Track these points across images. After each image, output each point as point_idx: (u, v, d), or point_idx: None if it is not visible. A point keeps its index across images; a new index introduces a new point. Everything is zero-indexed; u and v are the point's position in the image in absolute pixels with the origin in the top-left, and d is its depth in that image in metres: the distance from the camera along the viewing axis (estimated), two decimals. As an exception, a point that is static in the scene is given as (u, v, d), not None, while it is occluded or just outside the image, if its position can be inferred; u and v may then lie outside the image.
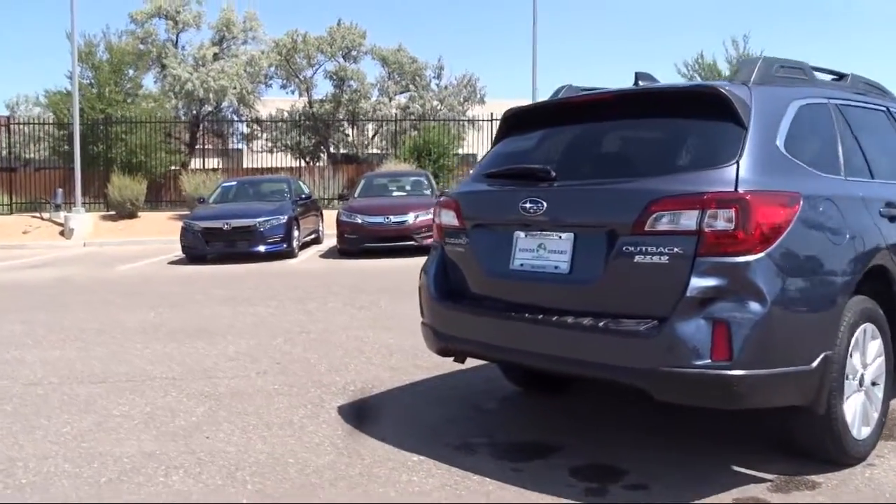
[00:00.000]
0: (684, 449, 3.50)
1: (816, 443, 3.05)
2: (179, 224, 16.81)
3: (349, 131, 29.07)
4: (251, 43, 28.66)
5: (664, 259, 2.79)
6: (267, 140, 27.74)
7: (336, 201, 20.95)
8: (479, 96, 29.98)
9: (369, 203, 13.34)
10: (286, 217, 12.70)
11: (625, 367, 2.85)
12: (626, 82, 3.77)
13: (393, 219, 12.49)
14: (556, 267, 3.18)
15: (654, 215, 2.82)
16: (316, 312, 7.50)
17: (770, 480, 3.09)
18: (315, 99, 29.71)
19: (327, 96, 29.45)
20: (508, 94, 45.04)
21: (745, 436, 3.63)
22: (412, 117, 27.08)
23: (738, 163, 2.82)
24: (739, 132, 2.91)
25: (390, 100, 28.97)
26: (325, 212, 16.50)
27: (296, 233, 12.95)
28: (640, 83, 3.64)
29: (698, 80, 19.93)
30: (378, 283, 9.40)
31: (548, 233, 3.22)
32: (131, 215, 19.09)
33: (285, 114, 28.32)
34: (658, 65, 69.80)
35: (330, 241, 15.14)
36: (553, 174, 3.23)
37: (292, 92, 30.21)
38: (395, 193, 14.58)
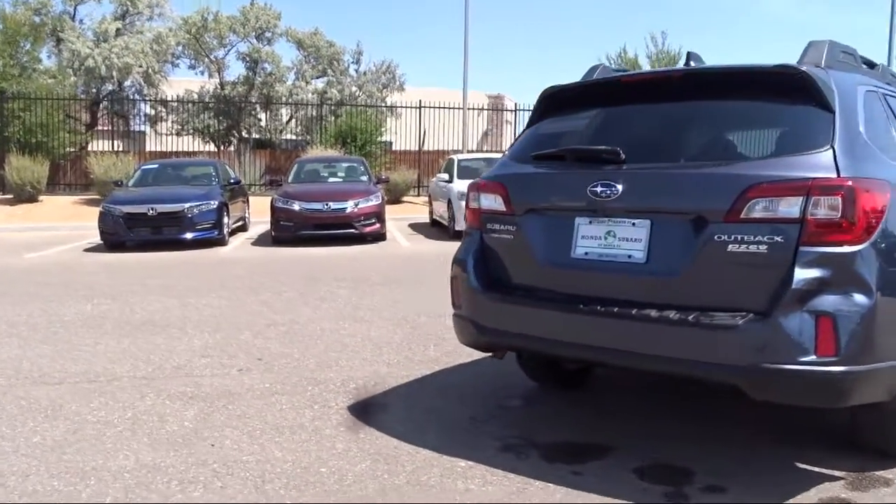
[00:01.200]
0: (734, 443, 3.39)
1: (889, 438, 2.98)
2: (87, 209, 15.63)
3: (262, 115, 27.97)
4: (157, 20, 27.10)
5: (762, 248, 2.62)
6: (174, 122, 26.28)
7: (256, 187, 20.19)
8: (398, 83, 29.52)
9: (306, 189, 12.76)
10: (217, 202, 11.97)
11: (717, 364, 2.67)
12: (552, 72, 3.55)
13: (332, 206, 11.99)
14: (629, 256, 2.96)
15: (752, 202, 2.65)
16: (274, 303, 7.03)
17: (842, 478, 3.00)
18: (227, 81, 28.40)
19: (239, 78, 28.19)
20: (429, 82, 44.66)
21: (785, 425, 3.56)
22: (330, 102, 26.34)
23: (833, 148, 2.69)
24: (827, 117, 2.78)
25: (307, 84, 28.07)
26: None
27: (226, 219, 12.23)
28: (692, 63, 3.46)
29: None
30: (330, 273, 8.96)
31: (618, 219, 3.00)
32: (31, 199, 17.58)
33: (194, 95, 26.92)
34: (584, 55, 71.29)
35: (256, 228, 14.46)
36: (623, 156, 3.01)
37: (202, 73, 28.75)
38: (330, 180, 14.05)
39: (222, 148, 26.06)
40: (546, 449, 3.35)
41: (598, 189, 2.99)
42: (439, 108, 22.22)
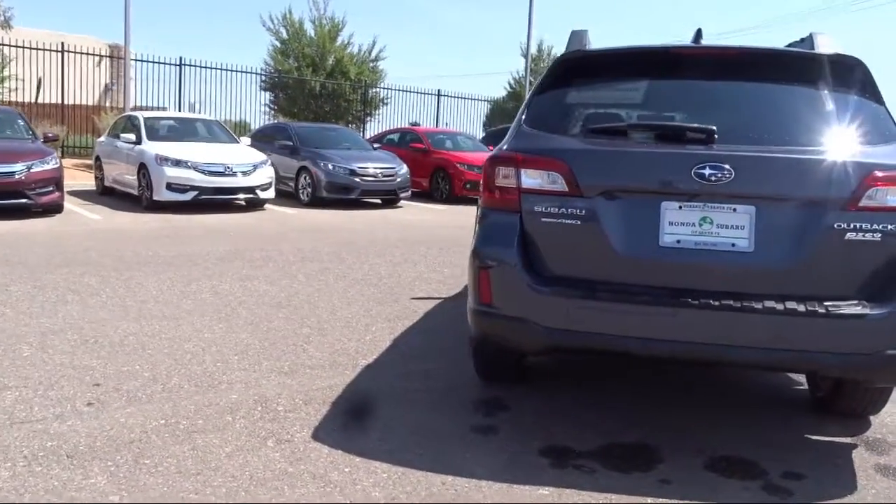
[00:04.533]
0: (746, 423, 3.47)
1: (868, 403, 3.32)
2: None
3: None
4: None
5: (880, 237, 2.66)
6: None
7: None
8: (2, 18, 24.29)
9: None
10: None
11: (839, 353, 2.66)
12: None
13: (-2, 169, 9.35)
14: (732, 244, 2.77)
15: (872, 190, 2.67)
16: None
17: (855, 444, 3.27)
18: None
19: None
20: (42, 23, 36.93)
21: (744, 396, 3.79)
22: None
23: None
24: (881, 106, 2.93)
25: None
26: None
27: None
28: (702, 39, 3.36)
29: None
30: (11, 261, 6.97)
31: (716, 204, 2.78)
32: None
33: None
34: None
35: None
36: (716, 137, 2.80)
37: None
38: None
39: None
40: (599, 457, 3.02)
41: (706, 172, 2.74)
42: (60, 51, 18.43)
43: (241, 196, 11.80)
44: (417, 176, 14.75)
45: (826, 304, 2.66)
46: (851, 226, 2.68)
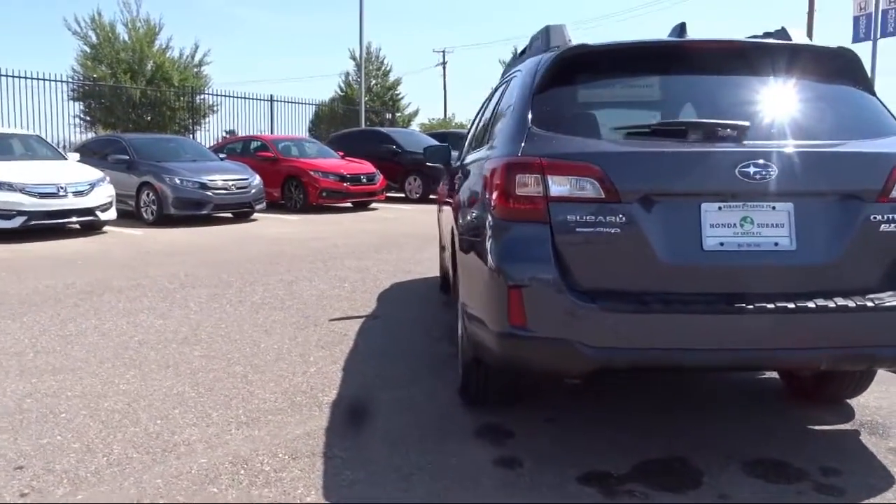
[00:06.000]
0: (760, 420, 3.45)
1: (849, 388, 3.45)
2: None
3: None
4: None
5: None
6: None
7: None
8: None
9: None
10: None
11: (887, 346, 2.65)
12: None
13: None
14: (775, 244, 2.68)
15: None
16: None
17: (855, 430, 3.35)
18: None
19: None
20: None
21: (725, 393, 3.80)
22: None
23: None
24: (877, 99, 3.00)
25: None
26: None
27: None
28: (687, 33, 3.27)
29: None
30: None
31: (756, 203, 2.68)
32: None
33: None
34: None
35: None
36: (748, 133, 2.70)
37: None
38: None
39: None
40: (640, 478, 2.84)
41: (751, 170, 2.62)
42: None
43: (76, 220, 10.49)
44: (267, 186, 13.93)
45: (871, 297, 2.64)
46: (885, 217, 2.69)
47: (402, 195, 17.06)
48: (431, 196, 16.80)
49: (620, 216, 2.65)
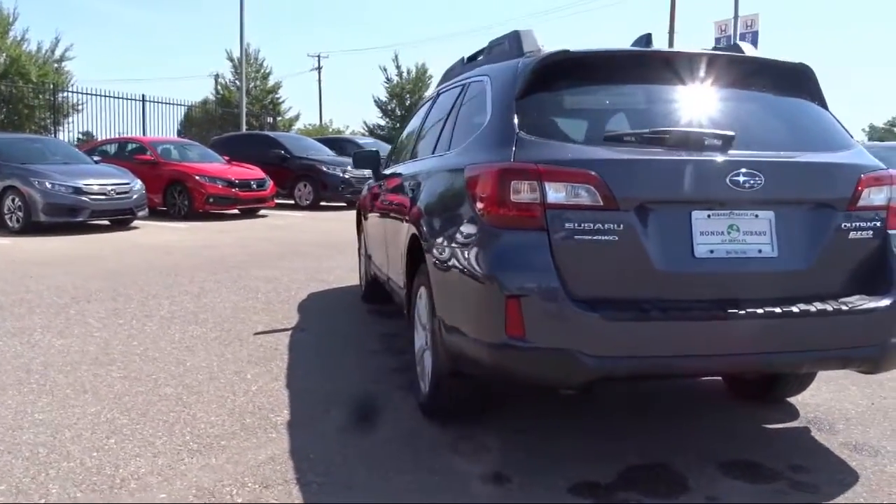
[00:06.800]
0: (717, 421, 3.53)
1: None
2: None
3: None
4: None
5: (869, 234, 2.84)
6: None
7: None
8: None
9: None
10: None
11: (857, 347, 2.77)
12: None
13: None
14: (759, 251, 2.74)
15: (864, 190, 2.83)
16: None
17: (805, 427, 3.51)
18: None
19: None
20: None
21: (677, 396, 3.90)
22: None
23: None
24: (830, 113, 3.17)
25: None
26: None
27: None
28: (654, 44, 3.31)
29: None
30: None
31: (741, 211, 2.73)
32: None
33: None
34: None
35: None
36: (734, 143, 2.76)
37: None
38: None
39: None
40: (630, 485, 2.83)
41: (741, 178, 2.67)
42: None
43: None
44: (148, 192, 13.08)
45: (844, 301, 2.76)
46: (852, 225, 2.83)
47: (292, 202, 16.56)
48: (322, 203, 16.45)
49: (618, 224, 2.62)
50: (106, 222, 12.09)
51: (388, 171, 5.23)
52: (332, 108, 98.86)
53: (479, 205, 2.79)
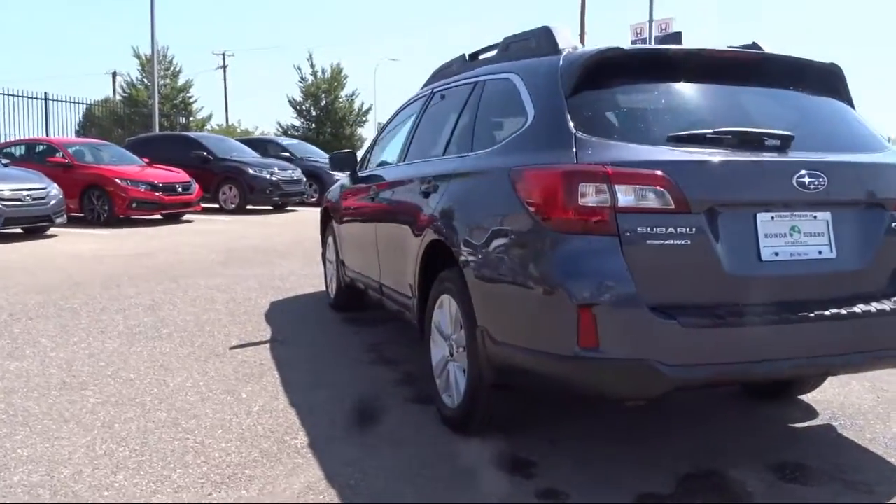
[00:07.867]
0: (744, 423, 3.51)
1: None
2: None
3: None
4: None
5: None
6: None
7: None
8: None
9: None
10: None
11: None
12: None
13: None
14: (819, 252, 2.71)
15: None
16: None
17: (829, 425, 3.55)
18: None
19: None
20: None
21: (692, 400, 3.88)
22: None
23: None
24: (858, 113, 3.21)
25: None
26: None
27: None
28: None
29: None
30: None
31: (801, 213, 2.69)
32: None
33: None
34: None
35: None
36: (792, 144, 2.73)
37: None
38: None
39: None
40: (691, 495, 2.75)
41: (806, 180, 2.63)
42: None
43: None
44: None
45: None
46: None
47: (216, 206, 15.87)
48: (249, 206, 15.87)
49: (690, 227, 2.53)
50: (18, 231, 11.19)
51: (370, 173, 5.00)
52: (240, 107, 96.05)
53: (538, 209, 2.64)
